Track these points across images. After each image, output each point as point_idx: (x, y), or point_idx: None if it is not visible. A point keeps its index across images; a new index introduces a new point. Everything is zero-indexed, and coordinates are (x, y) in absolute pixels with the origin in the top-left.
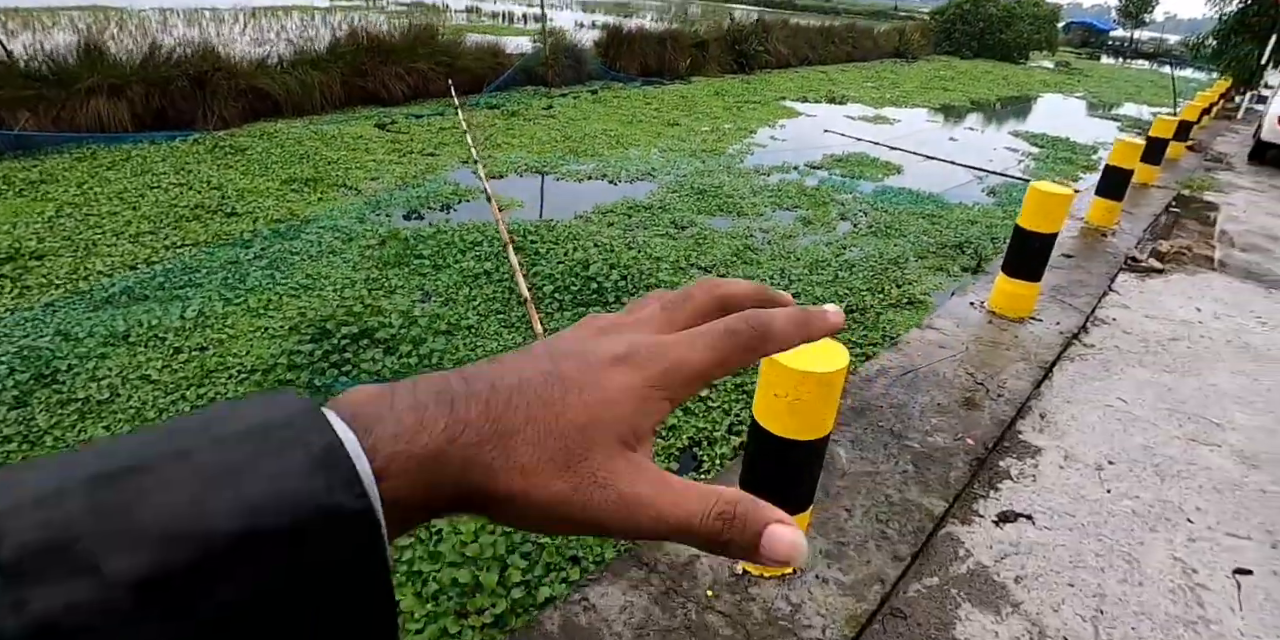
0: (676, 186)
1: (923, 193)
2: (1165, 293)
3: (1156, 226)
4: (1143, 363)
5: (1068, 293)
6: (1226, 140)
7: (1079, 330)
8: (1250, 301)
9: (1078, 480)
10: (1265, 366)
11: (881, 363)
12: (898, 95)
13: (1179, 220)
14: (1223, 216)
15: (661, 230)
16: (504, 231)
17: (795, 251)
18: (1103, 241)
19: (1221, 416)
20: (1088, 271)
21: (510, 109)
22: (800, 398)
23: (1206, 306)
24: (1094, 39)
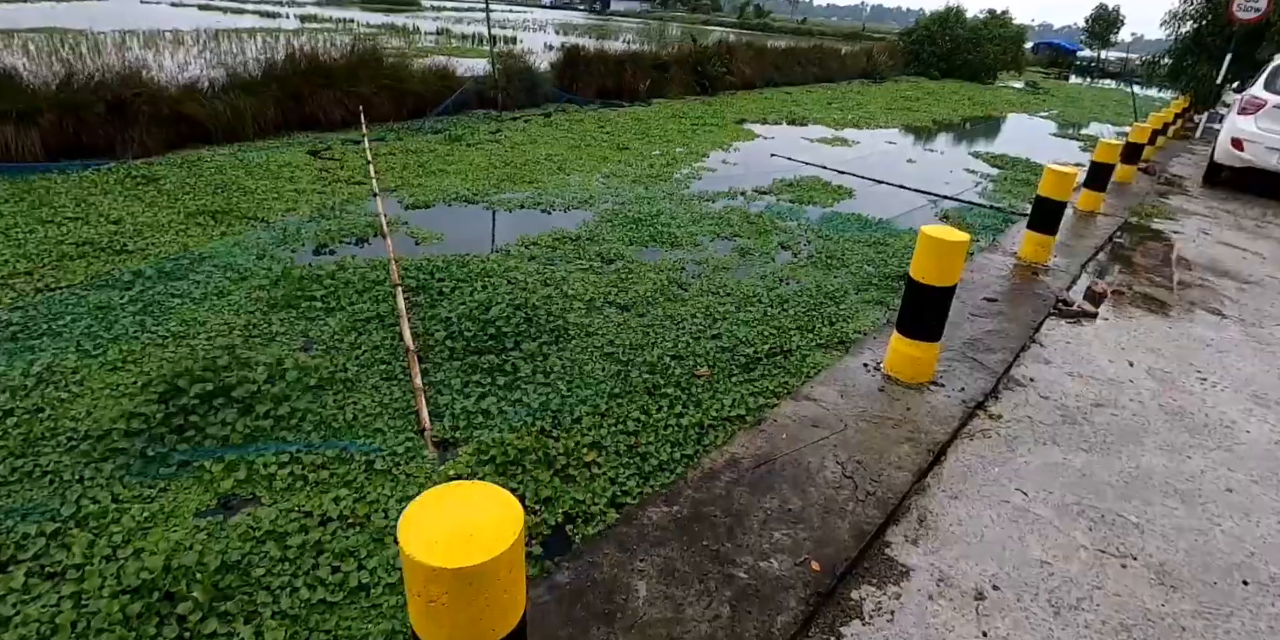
0: (612, 215)
1: (871, 218)
2: (1096, 343)
3: (1096, 261)
4: (1057, 439)
5: (982, 347)
6: (1183, 161)
7: (986, 397)
8: (1191, 352)
9: (947, 619)
10: (1199, 439)
11: (735, 450)
12: (860, 116)
13: (1122, 253)
14: (1169, 248)
15: (585, 264)
16: (394, 271)
17: (726, 285)
18: (1033, 281)
19: (1142, 513)
20: (1010, 318)
21: (455, 133)
22: (435, 599)
23: (1141, 360)
24: (1062, 59)
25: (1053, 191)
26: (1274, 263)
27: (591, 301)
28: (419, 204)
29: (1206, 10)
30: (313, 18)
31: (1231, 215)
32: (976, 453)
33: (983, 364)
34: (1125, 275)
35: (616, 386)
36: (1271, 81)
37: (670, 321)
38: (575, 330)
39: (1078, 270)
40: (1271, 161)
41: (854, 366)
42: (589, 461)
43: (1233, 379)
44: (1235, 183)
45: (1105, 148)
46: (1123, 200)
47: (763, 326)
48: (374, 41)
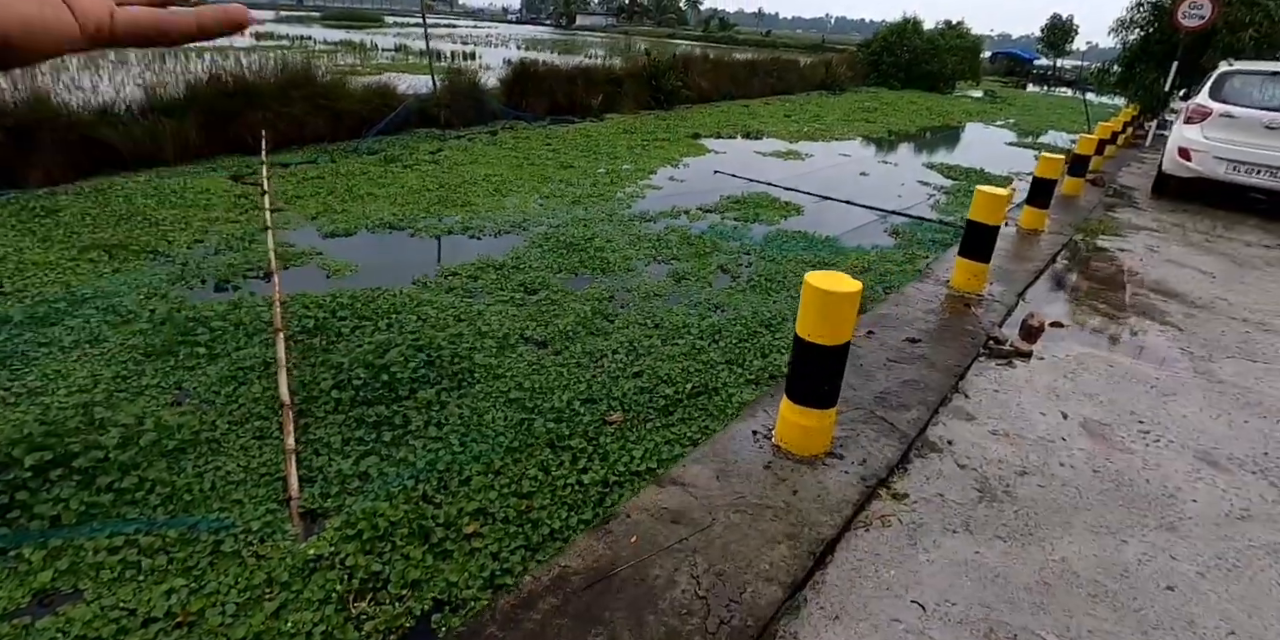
0: (544, 240)
1: (818, 236)
2: (1027, 390)
3: (1036, 287)
4: (971, 524)
5: (895, 402)
6: (1132, 171)
7: (891, 471)
8: (1133, 397)
9: None
10: (1137, 515)
11: (569, 561)
12: (817, 129)
13: (1064, 277)
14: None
15: (507, 295)
16: (276, 315)
17: (656, 315)
18: (964, 315)
19: (1063, 630)
20: (932, 363)
21: (391, 154)
22: None
23: (1077, 409)
24: (1019, 68)
25: (985, 215)
26: (1223, 282)
27: (505, 338)
28: (339, 232)
29: (1153, 18)
30: (269, 35)
31: (1180, 229)
32: (871, 549)
33: (893, 425)
34: (1067, 303)
35: (516, 439)
36: (1217, 89)
37: (589, 358)
38: (481, 373)
39: (1014, 299)
40: (1219, 171)
41: (742, 435)
42: (470, 533)
43: (1178, 430)
44: (1184, 193)
45: (1047, 162)
46: (1069, 215)
47: (689, 361)
48: (308, 59)
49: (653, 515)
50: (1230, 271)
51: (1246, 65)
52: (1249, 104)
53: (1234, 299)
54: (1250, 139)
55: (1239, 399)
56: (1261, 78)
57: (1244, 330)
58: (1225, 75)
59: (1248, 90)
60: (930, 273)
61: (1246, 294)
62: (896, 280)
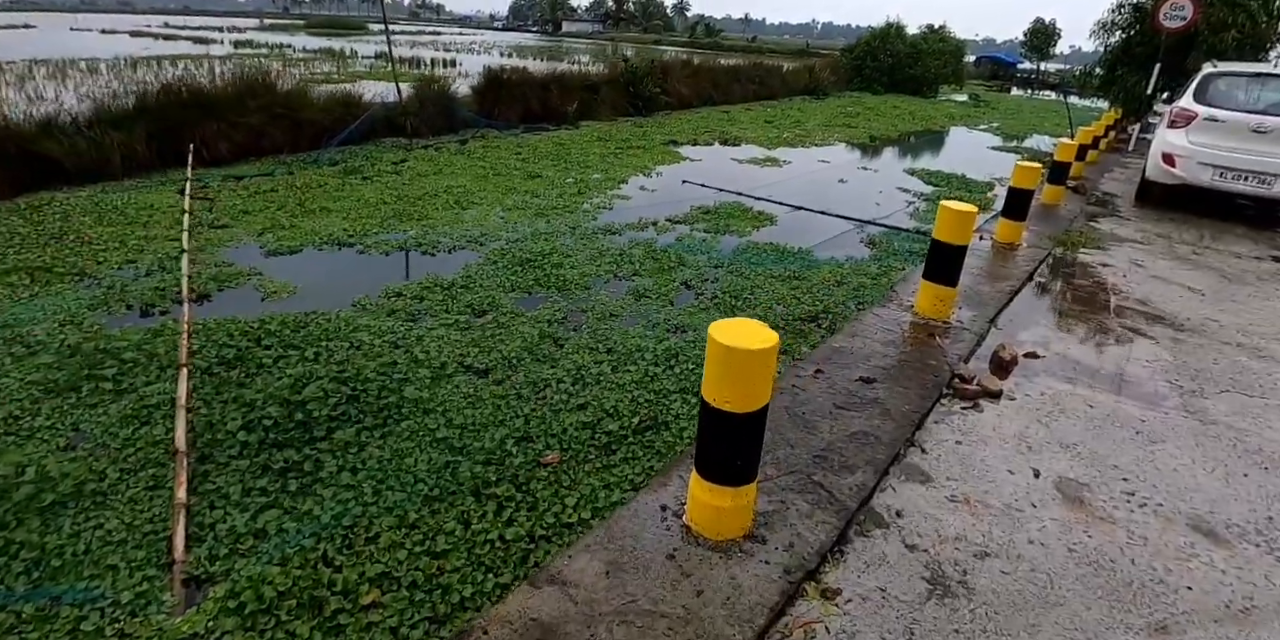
0: (500, 256)
1: (790, 248)
2: (995, 440)
3: (1011, 311)
4: (915, 632)
5: (837, 463)
6: (1115, 177)
7: (824, 558)
8: (1116, 445)
9: None
10: (1121, 612)
11: None
12: (797, 134)
13: (1042, 298)
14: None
15: (451, 318)
16: (183, 348)
17: (610, 339)
18: (927, 347)
19: None
20: (886, 410)
21: (352, 165)
22: None
23: (1050, 465)
24: (1003, 72)
25: (950, 234)
26: (1213, 300)
27: (443, 367)
28: (284, 249)
29: (1134, 20)
30: (248, 43)
31: (1166, 240)
32: None
33: (832, 494)
34: (1044, 328)
35: (438, 486)
36: (1201, 92)
37: (531, 389)
38: (410, 409)
39: (985, 327)
40: (1205, 178)
41: (647, 510)
42: (369, 603)
43: (1168, 490)
44: (1169, 201)
45: (1023, 171)
46: (1049, 226)
47: (640, 391)
48: (268, 67)
49: (516, 632)
50: (1220, 288)
51: (1231, 67)
52: (1235, 107)
53: (1225, 320)
54: (1237, 143)
55: (1236, 445)
56: (1247, 79)
57: (1238, 357)
58: (1210, 77)
59: (1233, 93)
60: (894, 296)
61: (1239, 314)
62: (870, 295)
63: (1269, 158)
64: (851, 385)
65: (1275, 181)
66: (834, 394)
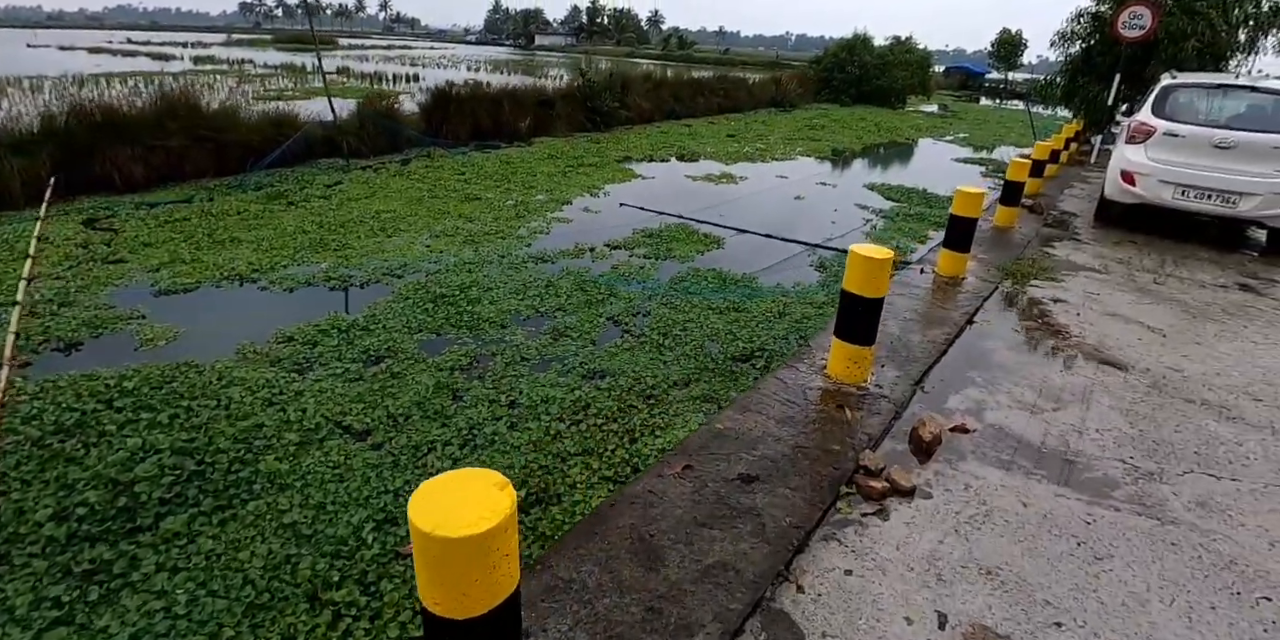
0: (414, 291)
1: (733, 275)
2: (896, 567)
3: (942, 367)
4: None
5: (673, 620)
6: (1075, 192)
7: None
8: (1050, 567)
9: None
10: None
11: None
12: (758, 149)
13: (981, 347)
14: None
15: (343, 367)
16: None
17: (517, 388)
18: (833, 423)
19: None
20: (761, 527)
21: (279, 190)
22: None
23: (962, 607)
24: (971, 82)
25: (863, 285)
26: (1176, 342)
27: (315, 429)
28: (177, 288)
29: (1093, 29)
30: (209, 59)
31: (1125, 267)
32: None
33: None
34: (980, 389)
35: (269, 590)
36: (1160, 105)
37: (412, 455)
38: (263, 484)
39: (909, 390)
40: (1166, 197)
41: None
42: None
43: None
44: (1129, 220)
45: (966, 198)
46: (999, 253)
47: (536, 454)
48: (182, 85)
49: None
50: (1184, 326)
51: (1191, 78)
52: (1195, 121)
53: (1190, 369)
54: (1198, 160)
55: (1201, 558)
56: (1207, 91)
57: (1204, 421)
58: (1168, 89)
59: (1193, 105)
60: (808, 353)
61: (1204, 359)
62: (813, 327)
63: (1233, 175)
64: (726, 487)
65: (1240, 200)
66: (699, 502)
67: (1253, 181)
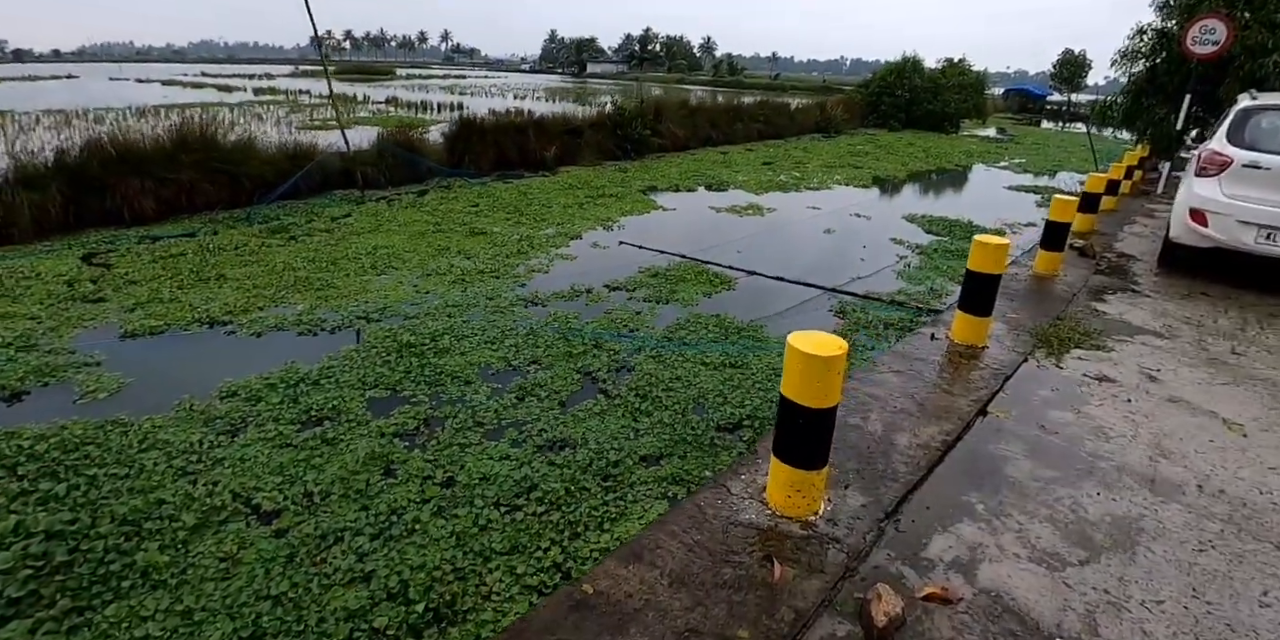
0: (383, 338)
1: (736, 323)
2: None
3: (926, 492)
4: None
5: None
6: (1136, 229)
7: None
8: None
9: None
10: None
11: None
12: (794, 178)
13: (988, 455)
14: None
15: (277, 429)
16: None
17: (458, 460)
18: (749, 592)
19: None
20: None
21: (285, 222)
22: None
23: None
24: (1031, 104)
25: (801, 390)
26: (1261, 445)
27: (219, 508)
28: (143, 330)
29: (1159, 46)
30: (270, 90)
31: (1195, 329)
32: None
33: None
34: (977, 528)
35: None
36: (1237, 130)
37: (314, 546)
38: (135, 580)
39: (875, 529)
40: (1246, 240)
41: None
42: None
43: None
44: (1200, 267)
45: (985, 250)
46: (1035, 310)
47: (455, 551)
48: (207, 116)
49: None
50: (1273, 420)
51: (1273, 98)
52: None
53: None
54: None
55: None
56: None
57: None
58: (1248, 112)
59: (1277, 131)
60: (753, 461)
61: None
62: None
63: None
64: None
65: None
66: None
67: None
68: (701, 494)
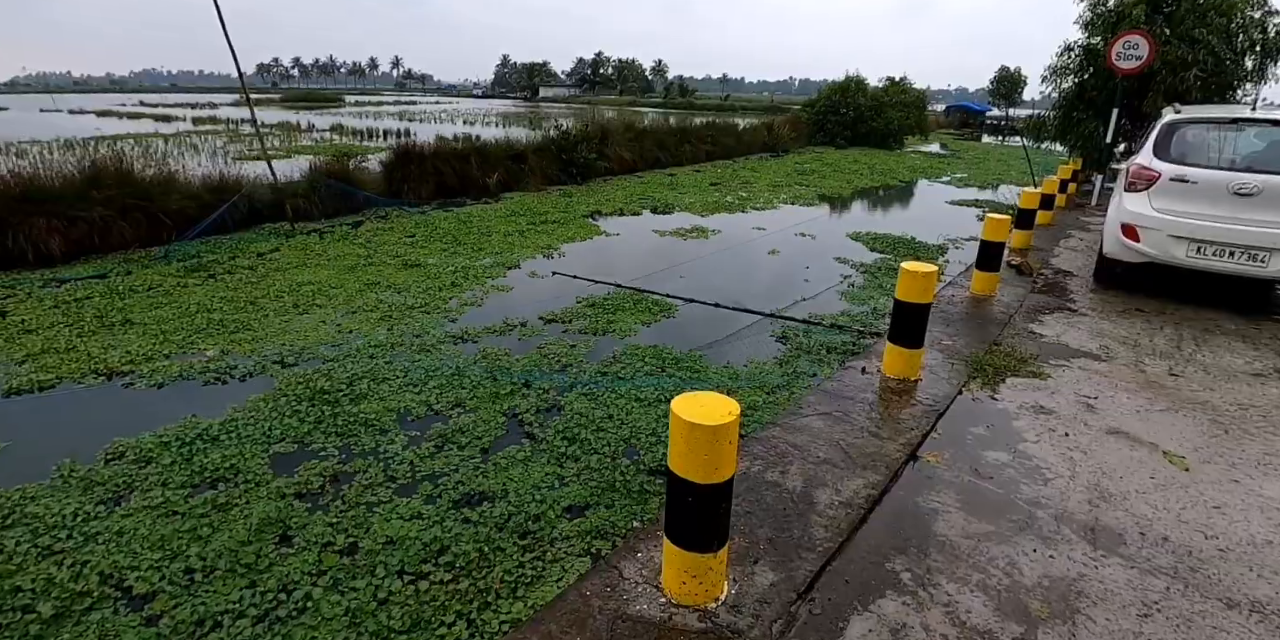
0: (292, 386)
1: (674, 354)
2: None
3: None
4: None
5: None
6: (1073, 244)
7: None
8: None
9: None
10: None
11: None
12: (740, 198)
13: (916, 508)
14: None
15: (166, 494)
16: None
17: (366, 523)
18: None
19: None
20: None
21: (205, 259)
22: None
23: None
24: (973, 120)
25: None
26: (1204, 479)
27: (84, 594)
28: (31, 385)
29: (1086, 62)
30: (209, 119)
31: (1131, 350)
32: None
33: None
34: (903, 599)
35: None
36: (1163, 145)
37: (186, 634)
38: None
39: (784, 615)
40: (1179, 255)
41: None
42: None
43: None
44: (1135, 281)
45: (913, 279)
46: (972, 335)
47: (346, 634)
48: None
49: None
50: (1214, 449)
51: (1199, 111)
52: (1208, 163)
53: (1230, 534)
54: (1216, 210)
55: None
56: (1220, 127)
57: None
58: (1173, 126)
59: (1204, 144)
60: (647, 539)
61: (1249, 513)
62: (760, 419)
63: (1260, 227)
64: None
65: (1271, 257)
66: None
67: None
68: (589, 581)
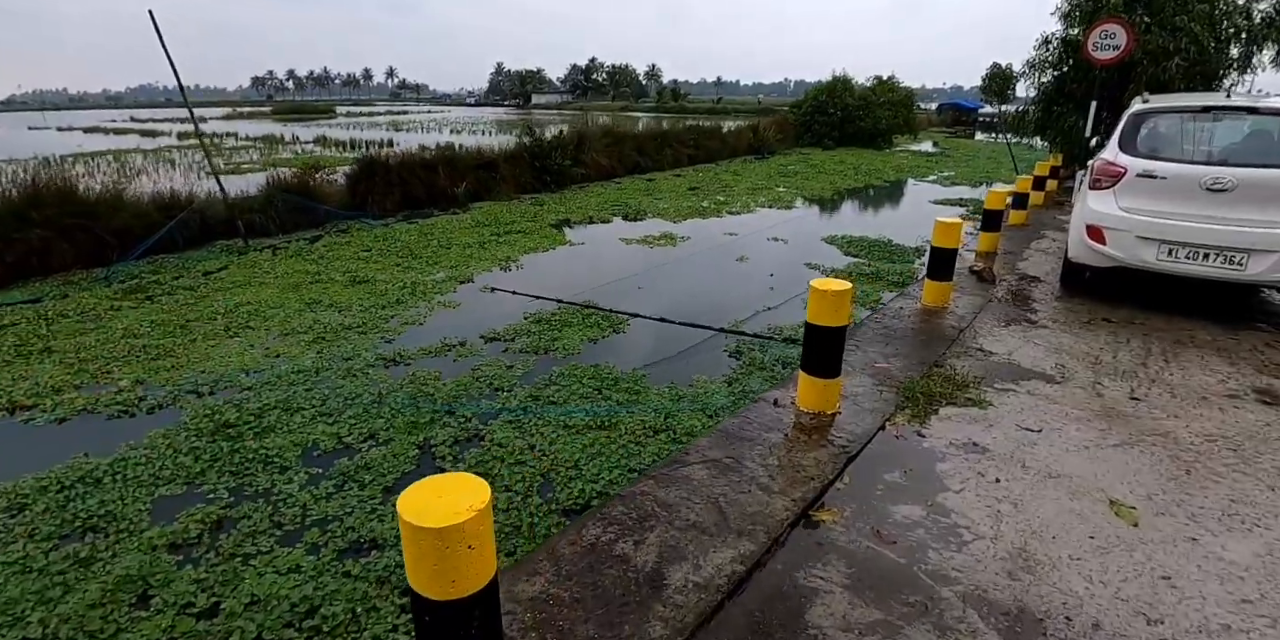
0: (200, 418)
1: (615, 373)
2: None
3: None
4: None
5: None
6: (1044, 245)
7: None
8: None
9: None
10: None
11: None
12: (717, 203)
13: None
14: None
15: (30, 547)
16: None
17: (237, 578)
18: None
19: None
20: None
21: (146, 280)
22: None
23: None
24: (965, 117)
25: (418, 577)
26: (1157, 537)
27: None
28: None
29: (1065, 55)
30: (190, 134)
31: (1091, 368)
32: None
33: None
34: None
35: None
36: (1130, 138)
37: None
38: None
39: None
40: (1147, 257)
41: None
42: None
43: None
44: (1105, 288)
45: (824, 299)
46: (911, 355)
47: None
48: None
49: None
50: (1173, 496)
51: (1167, 100)
52: (1179, 156)
53: (1183, 619)
54: (1188, 208)
55: None
56: (1191, 117)
57: None
58: (1140, 117)
59: (1175, 136)
60: None
61: (1208, 585)
62: (702, 437)
63: (1236, 226)
64: None
65: (1249, 259)
66: None
67: (1264, 233)
68: None
